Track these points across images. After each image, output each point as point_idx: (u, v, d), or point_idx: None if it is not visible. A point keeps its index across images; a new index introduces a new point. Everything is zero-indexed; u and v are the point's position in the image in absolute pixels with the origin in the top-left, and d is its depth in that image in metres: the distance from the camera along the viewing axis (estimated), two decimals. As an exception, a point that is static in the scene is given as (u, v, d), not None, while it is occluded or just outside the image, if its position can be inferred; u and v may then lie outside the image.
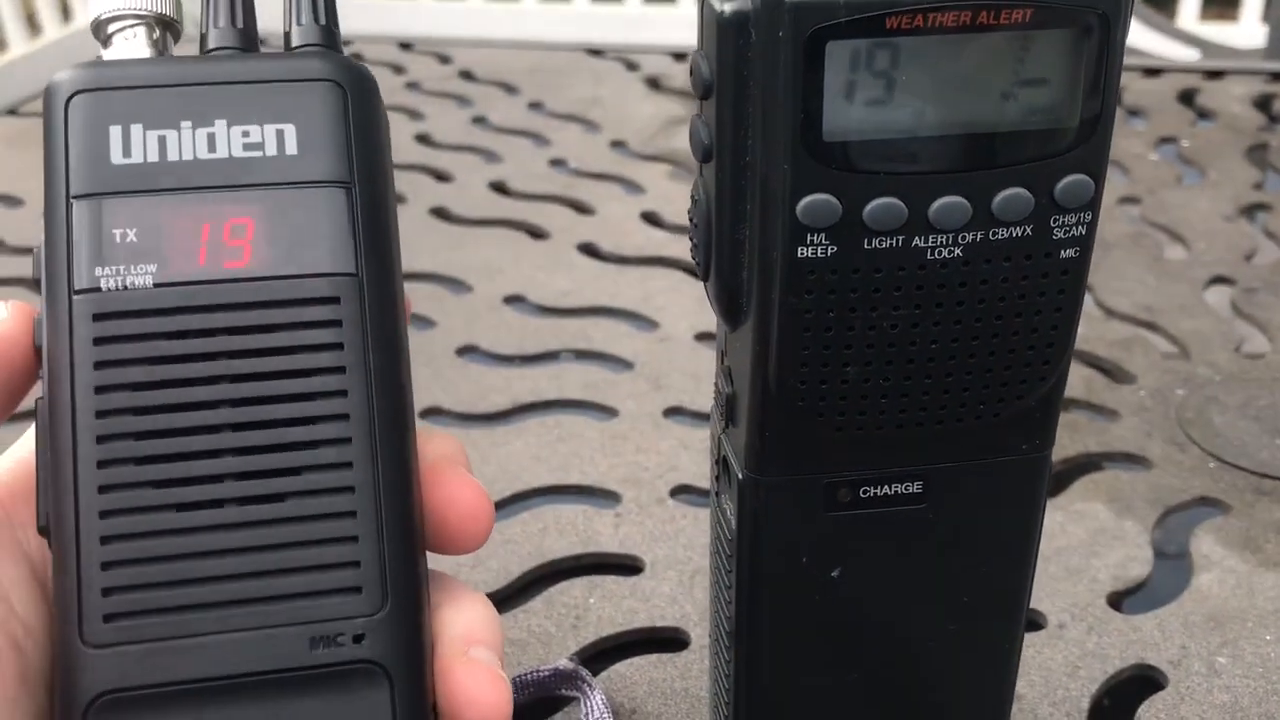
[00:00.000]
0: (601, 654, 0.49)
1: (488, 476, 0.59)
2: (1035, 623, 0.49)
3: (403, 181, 0.92)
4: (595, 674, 0.46)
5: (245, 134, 0.26)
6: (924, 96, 0.28)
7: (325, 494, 0.26)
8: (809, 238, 0.28)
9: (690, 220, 0.31)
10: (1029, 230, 0.29)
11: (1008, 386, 0.32)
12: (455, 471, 0.28)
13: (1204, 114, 1.02)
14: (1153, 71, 1.09)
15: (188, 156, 0.26)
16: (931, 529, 0.34)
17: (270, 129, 0.27)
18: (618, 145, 0.98)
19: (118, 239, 0.26)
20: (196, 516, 0.25)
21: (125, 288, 0.26)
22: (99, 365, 0.25)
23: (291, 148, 0.27)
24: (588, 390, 0.66)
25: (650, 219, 0.86)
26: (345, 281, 0.26)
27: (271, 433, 0.26)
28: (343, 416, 0.26)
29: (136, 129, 0.26)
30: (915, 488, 0.34)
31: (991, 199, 0.29)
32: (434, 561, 0.28)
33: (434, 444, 0.29)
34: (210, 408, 0.26)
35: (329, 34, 0.29)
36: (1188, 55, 1.15)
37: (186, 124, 0.26)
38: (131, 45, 0.28)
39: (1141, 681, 0.47)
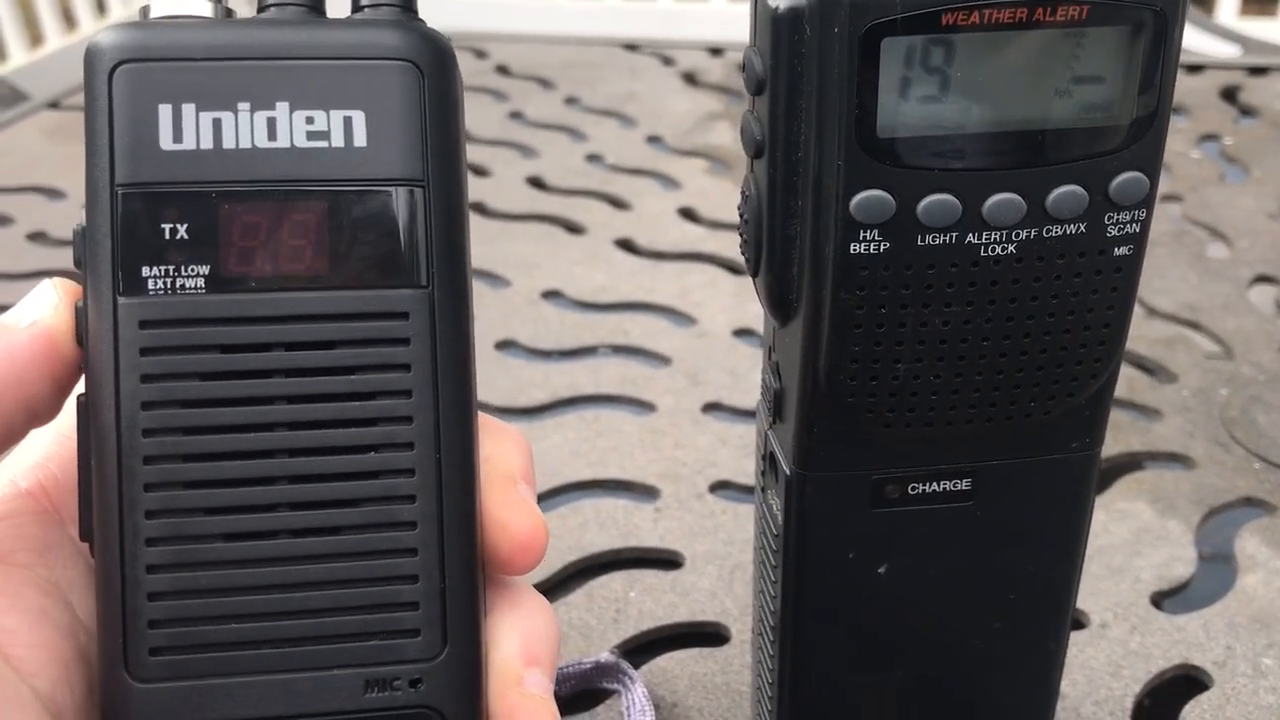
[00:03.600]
0: (642, 648, 0.49)
1: (527, 470, 0.59)
2: (1078, 622, 0.49)
3: (441, 176, 0.92)
4: (636, 667, 0.47)
5: (309, 120, 0.24)
6: (978, 93, 0.28)
7: (386, 528, 0.24)
8: (862, 234, 0.28)
9: (740, 216, 0.31)
10: (1083, 228, 0.29)
11: (1059, 384, 0.32)
12: (513, 493, 0.26)
13: (1247, 111, 1.00)
14: (1194, 68, 1.08)
15: (245, 144, 0.24)
16: (979, 526, 0.34)
17: (337, 116, 0.24)
18: (654, 140, 0.98)
19: (167, 235, 0.24)
20: (248, 548, 0.24)
21: (175, 290, 0.24)
22: (146, 378, 0.24)
23: (360, 139, 0.24)
24: (626, 385, 0.66)
25: (687, 214, 0.86)
26: (414, 295, 0.24)
27: (330, 460, 0.24)
28: (406, 445, 0.24)
29: (189, 110, 0.23)
30: (964, 485, 0.33)
31: (1046, 196, 0.29)
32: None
33: (499, 452, 0.27)
34: (265, 430, 0.24)
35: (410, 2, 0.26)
36: (1229, 51, 1.13)
37: (244, 106, 0.24)
38: None
39: (1185, 682, 0.47)
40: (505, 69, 1.15)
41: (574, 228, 0.85)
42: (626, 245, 0.82)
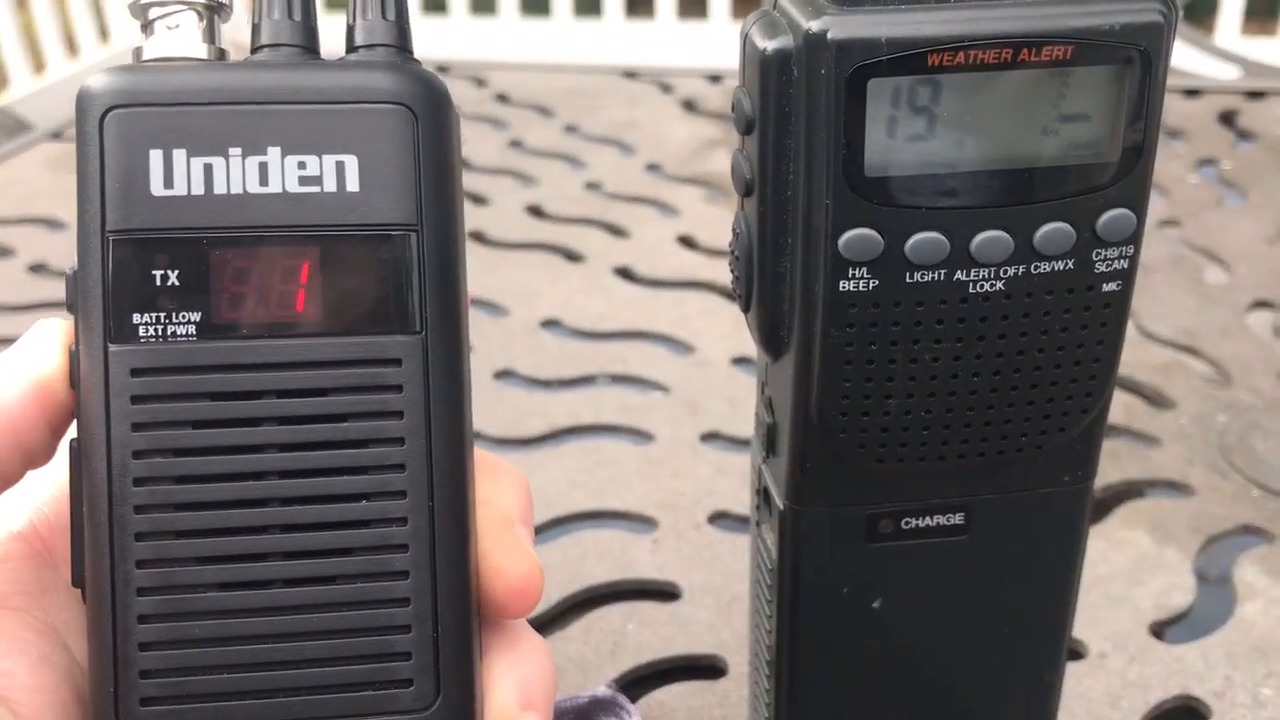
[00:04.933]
0: (640, 680, 0.49)
1: (526, 501, 0.59)
2: (1076, 652, 0.49)
3: (440, 205, 0.93)
4: (633, 701, 0.46)
5: (301, 165, 0.24)
6: (965, 132, 0.28)
7: (378, 578, 0.24)
8: (851, 271, 0.29)
9: (731, 253, 0.32)
10: (1071, 264, 0.29)
11: (1050, 419, 0.32)
12: (509, 536, 0.26)
13: (1245, 135, 1.01)
14: (1192, 92, 1.09)
15: (236, 190, 0.24)
16: (973, 560, 0.34)
17: (330, 160, 0.24)
18: (653, 168, 0.99)
19: (158, 282, 0.24)
20: (240, 598, 0.24)
21: (166, 338, 0.24)
22: (138, 426, 0.23)
23: (353, 183, 0.24)
24: (624, 414, 0.66)
25: (686, 242, 0.86)
26: (407, 342, 0.24)
27: (322, 509, 0.24)
28: (399, 493, 0.24)
29: (180, 155, 0.23)
30: (957, 519, 0.34)
31: (1033, 233, 0.29)
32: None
33: (497, 493, 0.27)
34: (256, 478, 0.24)
35: (399, 32, 0.26)
36: (1229, 73, 1.14)
37: (236, 151, 0.24)
38: (175, 36, 0.25)
39: (1184, 712, 0.47)
40: (505, 97, 1.15)
41: (573, 256, 0.85)
42: (625, 273, 0.82)
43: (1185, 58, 1.16)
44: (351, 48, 0.26)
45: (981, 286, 0.29)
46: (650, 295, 0.79)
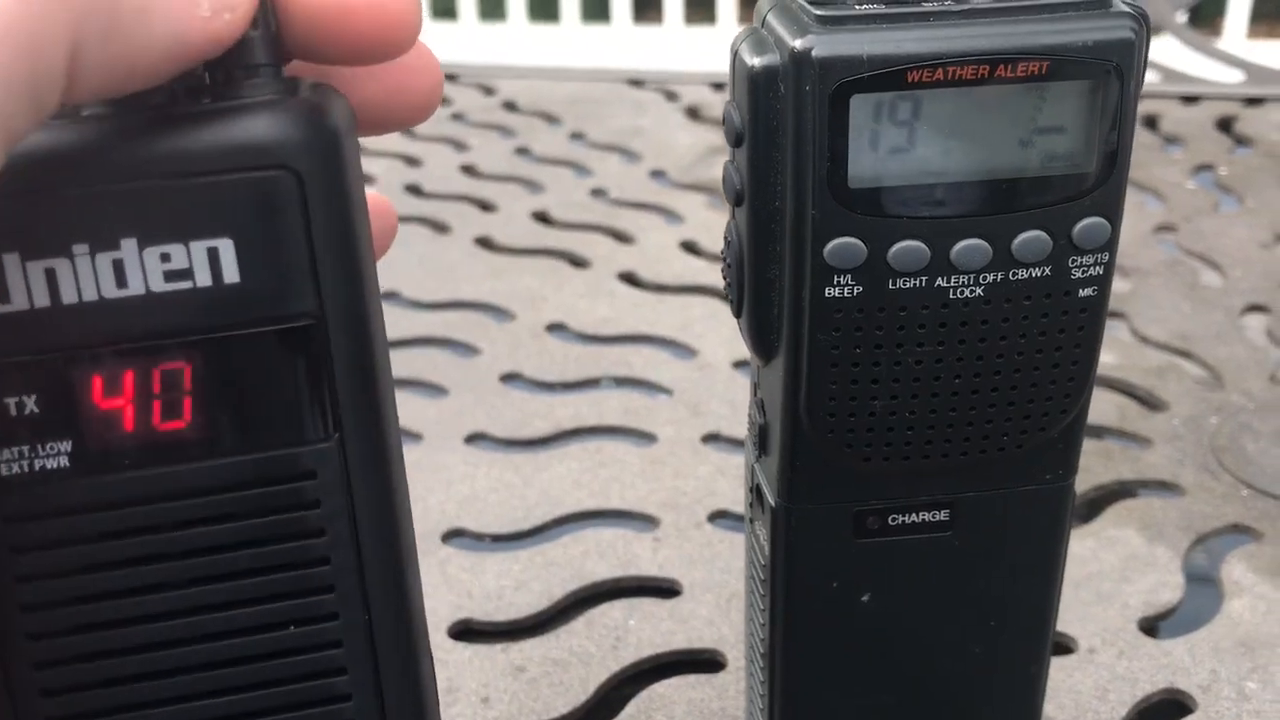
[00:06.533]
0: (640, 674, 0.50)
1: (530, 501, 0.60)
2: (1066, 647, 0.50)
3: (448, 212, 0.94)
4: (634, 695, 0.48)
5: (165, 258, 0.19)
6: (945, 144, 0.29)
7: (318, 704, 0.22)
8: (836, 279, 0.30)
9: (723, 260, 0.33)
10: (1048, 271, 0.31)
11: (1030, 420, 0.33)
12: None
13: (1242, 141, 1.02)
14: (1191, 99, 1.10)
15: (89, 297, 0.19)
16: (958, 556, 0.35)
17: (199, 248, 0.19)
18: (658, 175, 1.00)
19: (13, 412, 0.20)
20: None
21: (35, 472, 0.20)
22: (21, 579, 0.20)
23: (231, 273, 0.19)
24: (628, 416, 0.67)
25: (689, 247, 0.88)
26: (320, 451, 0.21)
27: (246, 641, 0.21)
28: (330, 615, 0.22)
29: (12, 261, 0.19)
30: (942, 516, 0.35)
31: (1011, 241, 0.30)
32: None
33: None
34: (165, 618, 0.21)
35: (270, 46, 0.20)
36: (1233, 77, 1.15)
37: (82, 249, 0.19)
38: None
39: (1171, 706, 0.48)
40: (513, 105, 1.17)
41: (578, 261, 0.86)
42: (630, 278, 0.84)
43: (1188, 62, 1.17)
44: (214, 78, 0.20)
45: (961, 292, 0.31)
46: (654, 300, 0.81)
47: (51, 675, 0.21)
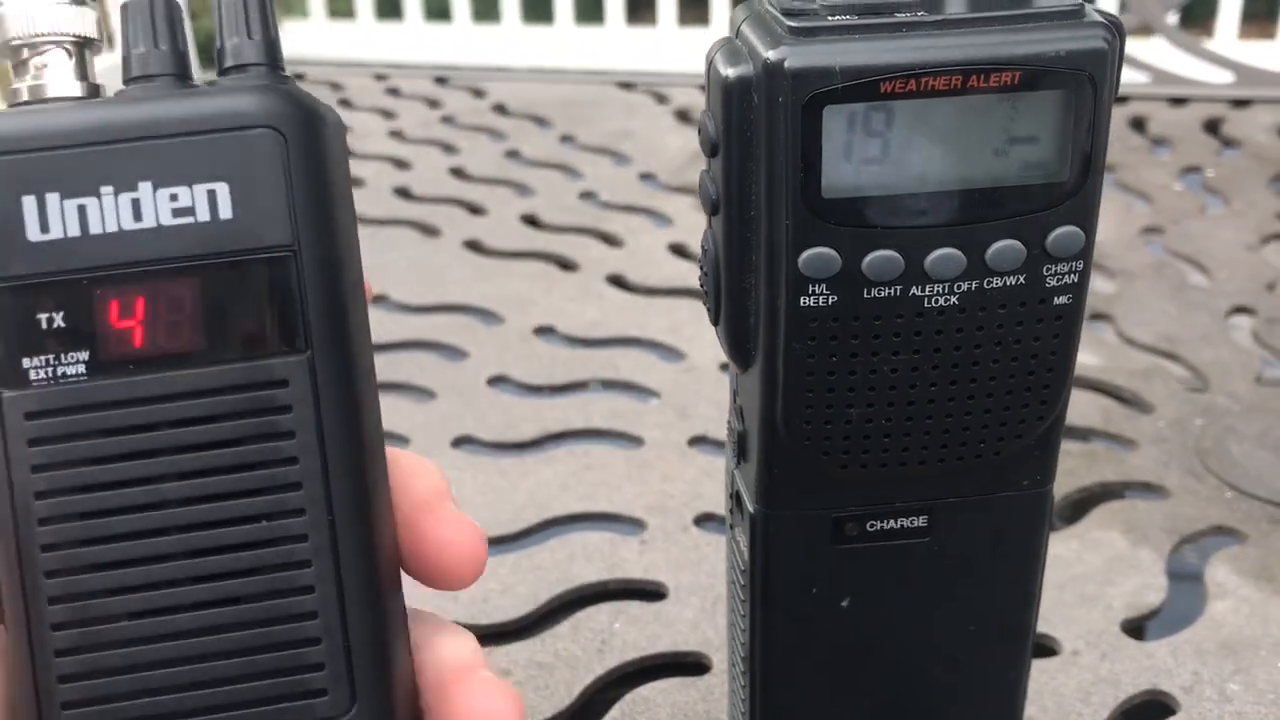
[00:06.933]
0: (625, 677, 0.50)
1: (517, 504, 0.60)
2: (1049, 649, 0.50)
3: (438, 215, 0.94)
4: (619, 698, 0.48)
5: (173, 197, 0.24)
6: (918, 155, 0.30)
7: (284, 594, 0.25)
8: (810, 288, 0.30)
9: (700, 268, 0.33)
10: (1022, 279, 0.31)
11: (1006, 427, 0.33)
12: (445, 509, 0.27)
13: (1229, 143, 1.02)
14: (1179, 101, 1.10)
15: (112, 228, 0.24)
16: (937, 561, 0.36)
17: (201, 190, 0.24)
18: (647, 177, 1.00)
19: (44, 325, 0.24)
20: (152, 625, 0.24)
21: (57, 380, 0.24)
22: (37, 469, 0.24)
23: (226, 211, 0.24)
24: (615, 419, 0.68)
25: (678, 250, 0.88)
26: (293, 362, 0.24)
27: (223, 532, 0.24)
28: (297, 511, 0.25)
29: (53, 199, 0.24)
30: (920, 522, 0.35)
31: (985, 250, 0.30)
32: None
33: (419, 478, 0.28)
34: (157, 508, 0.24)
35: (269, 50, 0.26)
36: (1221, 77, 1.15)
37: (108, 190, 0.24)
38: (47, 75, 0.25)
39: (1154, 707, 0.48)
40: (503, 108, 1.17)
41: (567, 264, 0.87)
42: (618, 281, 0.84)
43: (1178, 62, 1.17)
44: (223, 70, 0.26)
45: (936, 301, 0.31)
46: (642, 303, 0.81)
47: (56, 558, 0.24)
